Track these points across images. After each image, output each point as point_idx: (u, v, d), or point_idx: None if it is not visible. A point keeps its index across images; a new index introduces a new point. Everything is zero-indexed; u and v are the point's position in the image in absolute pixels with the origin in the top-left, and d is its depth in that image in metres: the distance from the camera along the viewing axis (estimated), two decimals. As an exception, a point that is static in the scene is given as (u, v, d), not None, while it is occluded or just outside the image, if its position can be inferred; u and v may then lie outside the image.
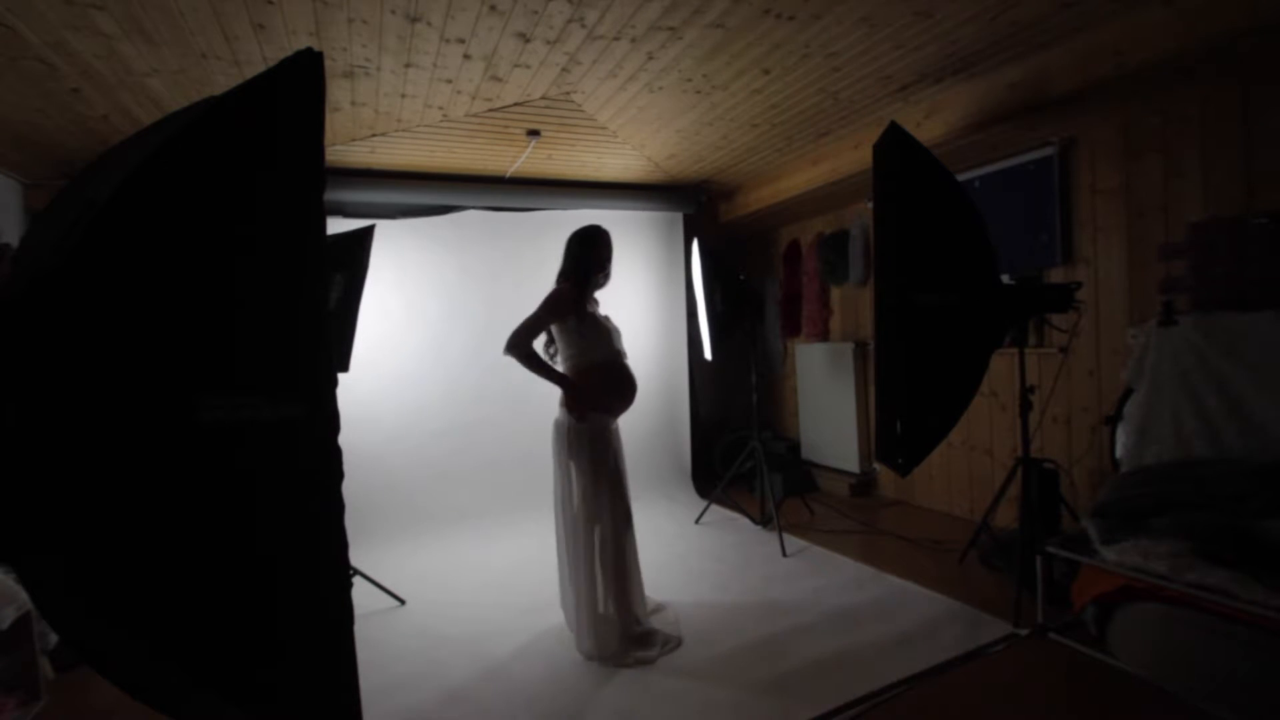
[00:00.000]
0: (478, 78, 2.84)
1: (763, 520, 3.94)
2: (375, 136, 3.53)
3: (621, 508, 2.44)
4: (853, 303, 4.69)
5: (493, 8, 2.23)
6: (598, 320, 2.50)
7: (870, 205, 4.23)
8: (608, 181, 4.73)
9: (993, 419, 3.71)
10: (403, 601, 3.00)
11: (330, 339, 2.19)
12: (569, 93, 3.12)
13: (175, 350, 1.09)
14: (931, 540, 3.48)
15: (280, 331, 1.19)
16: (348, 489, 1.25)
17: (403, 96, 3.00)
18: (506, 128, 3.52)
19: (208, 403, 1.09)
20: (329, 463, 1.23)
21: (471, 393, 4.33)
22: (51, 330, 1.01)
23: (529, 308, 2.46)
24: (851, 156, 3.74)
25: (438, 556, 3.63)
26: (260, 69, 1.85)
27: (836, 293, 4.83)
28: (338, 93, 2.88)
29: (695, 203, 5.00)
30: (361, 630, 1.30)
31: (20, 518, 1.02)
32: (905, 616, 2.60)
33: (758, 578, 3.13)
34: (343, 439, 1.24)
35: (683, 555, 3.49)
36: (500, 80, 2.88)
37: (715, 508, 4.28)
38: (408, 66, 2.67)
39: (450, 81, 2.86)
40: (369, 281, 3.09)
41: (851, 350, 4.52)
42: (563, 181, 4.63)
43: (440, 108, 3.18)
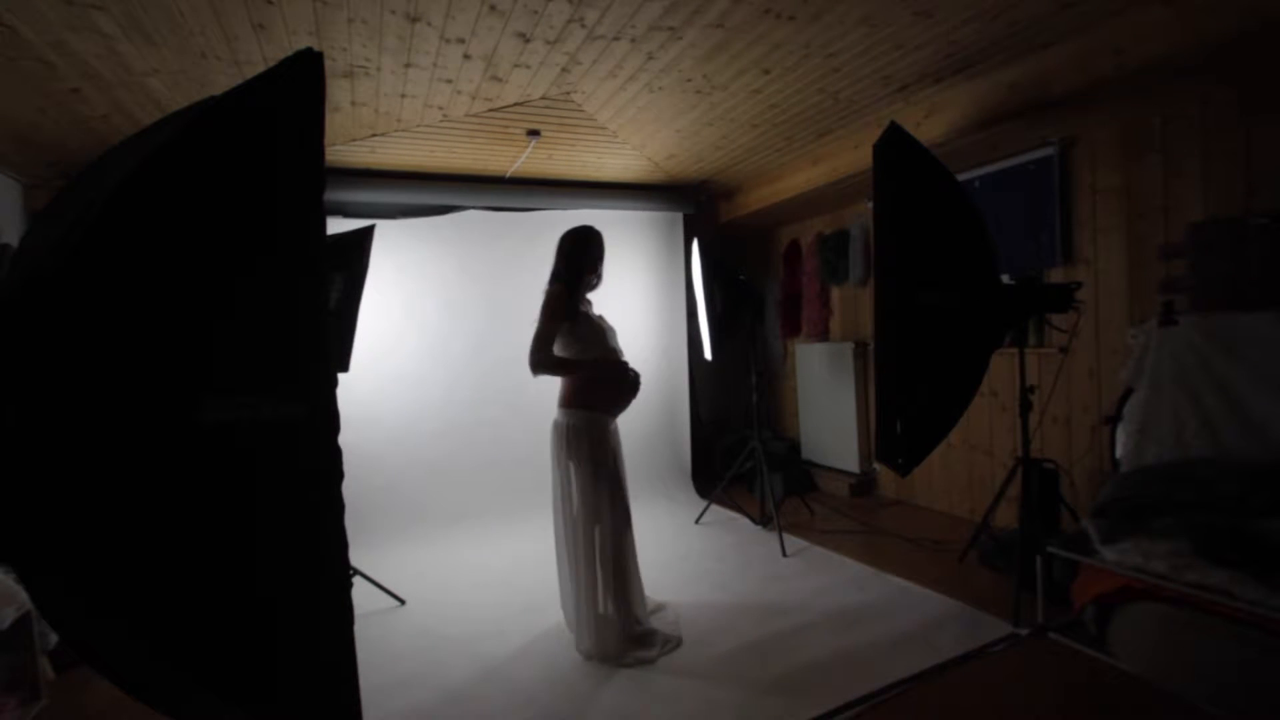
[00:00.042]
0: (478, 78, 2.84)
1: (763, 520, 3.94)
2: (375, 136, 3.53)
3: (621, 508, 2.44)
4: (853, 303, 4.69)
5: (493, 8, 2.23)
6: (592, 320, 2.50)
7: (870, 205, 4.23)
8: (608, 181, 4.73)
9: (993, 419, 3.71)
10: (403, 601, 3.00)
11: (330, 339, 2.20)
12: (569, 93, 3.12)
13: (175, 350, 1.09)
14: (931, 540, 3.49)
15: (280, 332, 1.19)
16: (348, 489, 1.26)
17: (403, 96, 3.00)
18: (506, 128, 3.52)
19: (208, 403, 1.09)
20: (329, 463, 1.23)
21: (471, 393, 4.33)
22: (51, 331, 1.01)
23: (529, 308, 2.46)
24: (851, 156, 3.74)
25: (438, 556, 3.63)
26: (260, 69, 1.84)
27: (836, 293, 4.83)
28: (338, 93, 2.88)
29: (695, 203, 5.00)
30: (361, 630, 1.30)
31: (20, 518, 1.02)
32: (905, 616, 2.60)
33: (758, 578, 3.13)
34: (343, 439, 1.24)
35: (683, 555, 3.49)
36: (500, 80, 2.88)
37: (715, 508, 4.28)
38: (408, 66, 2.67)
39: (450, 81, 2.86)
40: (369, 281, 3.09)
41: (851, 350, 4.52)
42: (563, 181, 4.63)
43: (440, 108, 3.18)
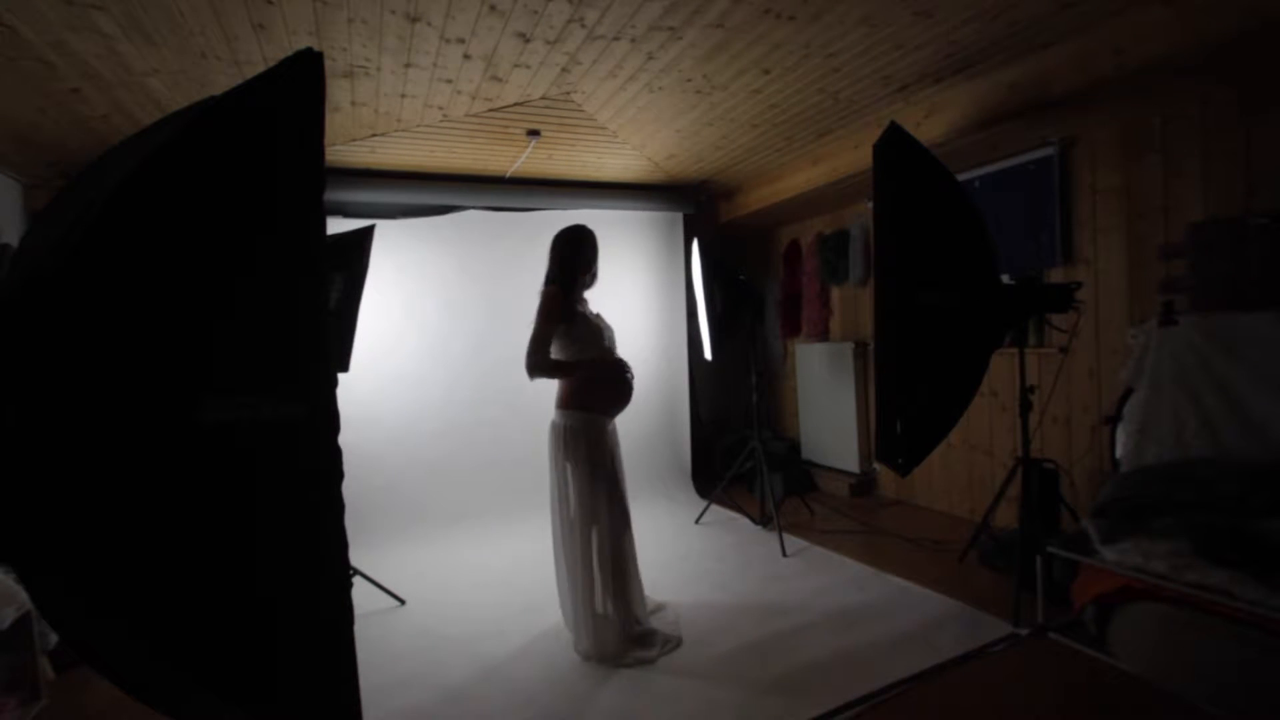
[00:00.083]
0: (478, 78, 2.84)
1: (763, 520, 3.94)
2: (375, 136, 3.53)
3: (619, 508, 2.44)
4: (853, 303, 4.69)
5: (493, 8, 2.23)
6: (589, 320, 2.50)
7: (870, 205, 4.23)
8: (608, 181, 4.73)
9: (993, 419, 3.71)
10: (403, 601, 3.00)
11: (330, 339, 2.20)
12: (569, 93, 3.12)
13: (175, 350, 1.09)
14: (931, 540, 3.49)
15: (280, 332, 1.19)
16: (348, 489, 1.26)
17: (403, 96, 3.00)
18: (506, 128, 3.52)
19: (208, 403, 1.09)
20: (329, 463, 1.23)
21: (471, 393, 4.33)
22: (51, 331, 1.01)
23: (529, 308, 2.46)
24: (851, 156, 3.74)
25: (438, 556, 3.63)
26: (260, 69, 1.84)
27: (836, 293, 4.82)
28: (338, 93, 2.88)
29: (695, 203, 5.00)
30: (361, 630, 1.30)
31: (20, 518, 1.02)
32: (905, 616, 2.60)
33: (758, 578, 3.13)
34: (343, 439, 1.24)
35: (683, 555, 3.49)
36: (500, 80, 2.88)
37: (715, 508, 4.28)
38: (408, 66, 2.67)
39: (450, 81, 2.86)
40: (369, 281, 3.09)
41: (851, 350, 4.51)
42: (563, 181, 4.63)
43: (440, 108, 3.18)
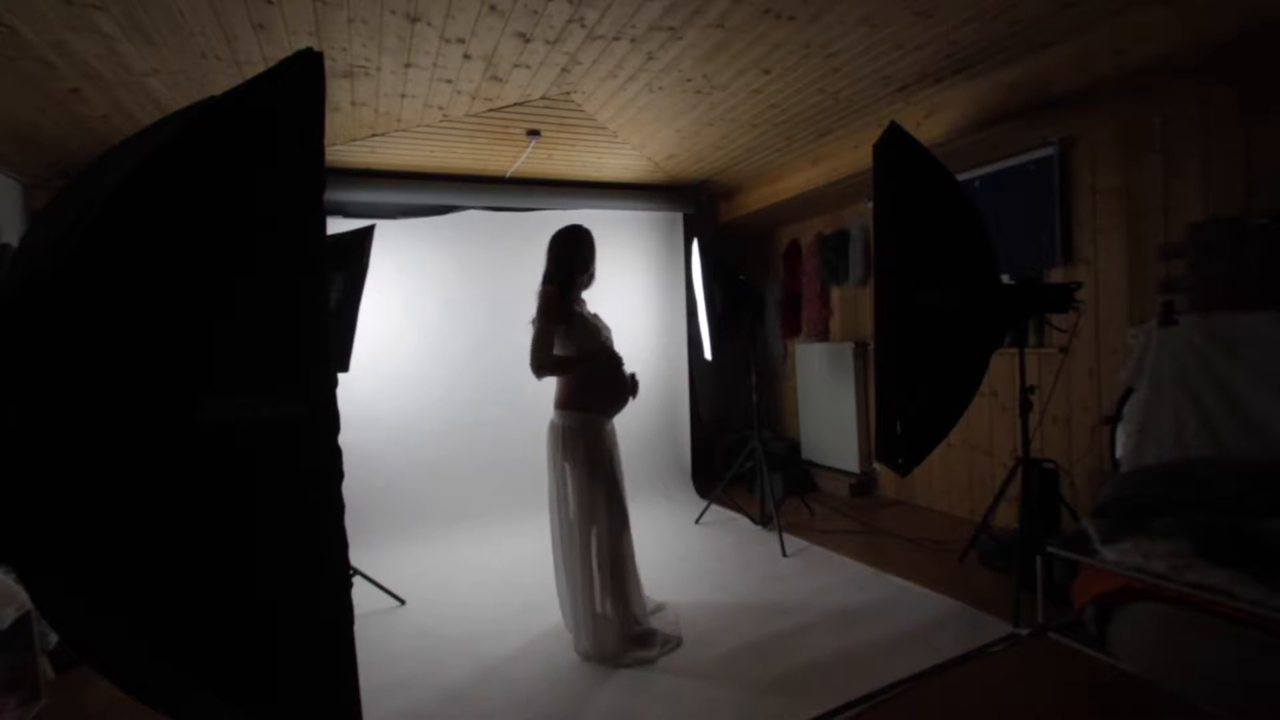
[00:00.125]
0: (478, 78, 2.84)
1: (763, 520, 3.94)
2: (375, 136, 3.53)
3: (617, 509, 2.44)
4: (853, 303, 4.69)
5: (493, 8, 2.23)
6: (587, 320, 2.49)
7: (870, 205, 4.23)
8: (608, 181, 4.72)
9: (993, 419, 3.71)
10: (403, 601, 3.00)
11: (330, 339, 2.20)
12: (569, 93, 3.12)
13: (175, 350, 1.09)
14: (931, 540, 3.48)
15: (280, 332, 1.19)
16: (348, 489, 1.26)
17: (403, 96, 3.00)
18: (506, 128, 3.52)
19: (208, 403, 1.09)
20: (329, 463, 1.23)
21: (471, 393, 4.33)
22: (51, 331, 1.01)
23: (529, 308, 2.46)
24: (851, 156, 3.74)
25: (438, 556, 3.63)
26: (260, 69, 1.84)
27: (836, 293, 4.82)
28: (338, 93, 2.88)
29: (695, 203, 5.00)
30: (361, 630, 1.30)
31: (20, 518, 1.02)
32: (905, 616, 2.60)
33: (758, 578, 3.13)
34: (343, 439, 1.24)
35: (683, 555, 3.49)
36: (500, 80, 2.88)
37: (715, 508, 4.28)
38: (408, 66, 2.67)
39: (450, 81, 2.86)
40: (369, 281, 3.09)
41: (851, 350, 4.51)
42: (563, 181, 4.63)
43: (440, 108, 3.18)
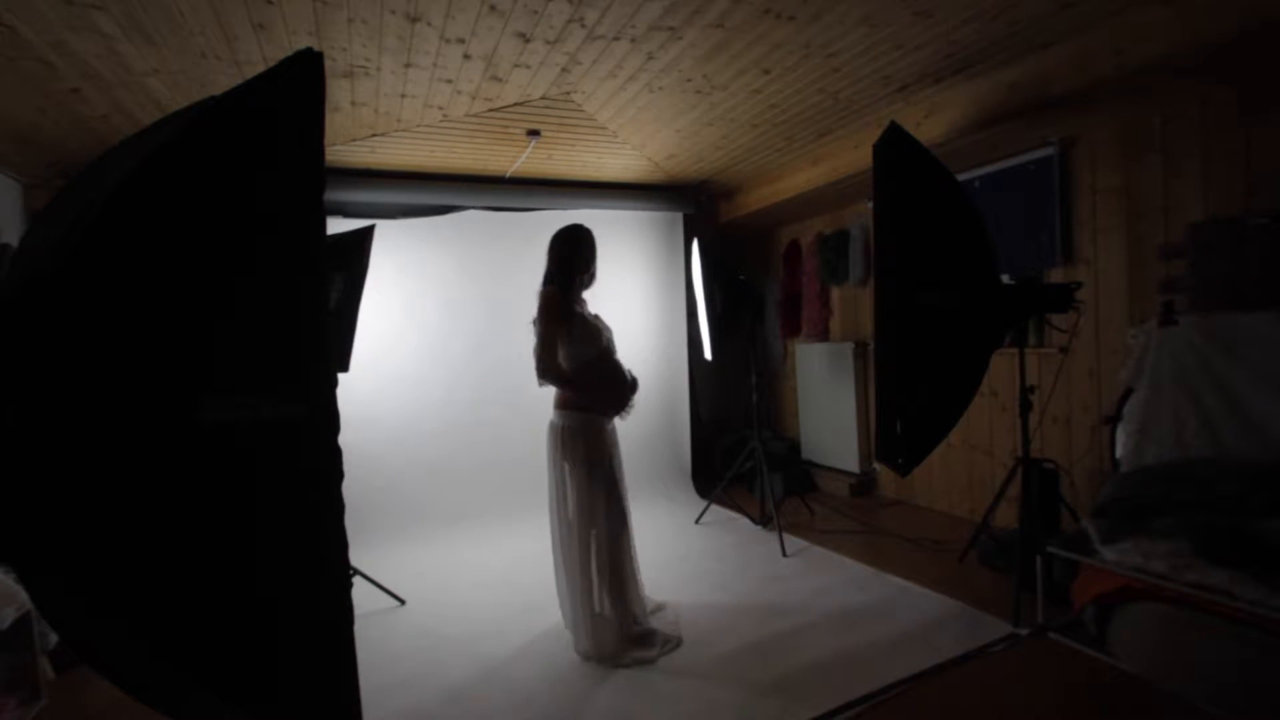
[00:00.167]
0: (478, 78, 2.84)
1: (763, 520, 3.94)
2: (375, 136, 3.53)
3: (617, 509, 2.44)
4: (853, 303, 4.69)
5: (493, 8, 2.23)
6: (588, 320, 2.49)
7: (870, 205, 4.23)
8: (608, 181, 4.72)
9: (993, 419, 3.71)
10: (403, 601, 3.00)
11: (330, 339, 2.20)
12: (569, 93, 3.12)
13: (175, 350, 1.09)
14: (931, 540, 3.48)
15: (280, 332, 1.19)
16: (348, 489, 1.26)
17: (403, 96, 3.00)
18: (506, 128, 3.52)
19: (208, 403, 1.09)
20: (329, 463, 1.23)
21: (471, 393, 4.33)
22: (51, 331, 1.01)
23: (529, 308, 2.46)
24: (851, 156, 3.74)
25: (438, 556, 3.63)
26: (260, 69, 1.84)
27: (836, 293, 4.82)
28: (338, 93, 2.88)
29: (695, 203, 5.00)
30: (361, 630, 1.30)
31: (20, 518, 1.02)
32: (905, 616, 2.60)
33: (758, 578, 3.13)
34: (343, 439, 1.24)
35: (683, 555, 3.49)
36: (500, 80, 2.88)
37: (715, 508, 4.28)
38: (408, 66, 2.67)
39: (450, 81, 2.86)
40: (369, 281, 3.09)
41: (851, 350, 4.51)
42: (563, 181, 4.63)
43: (440, 108, 3.18)
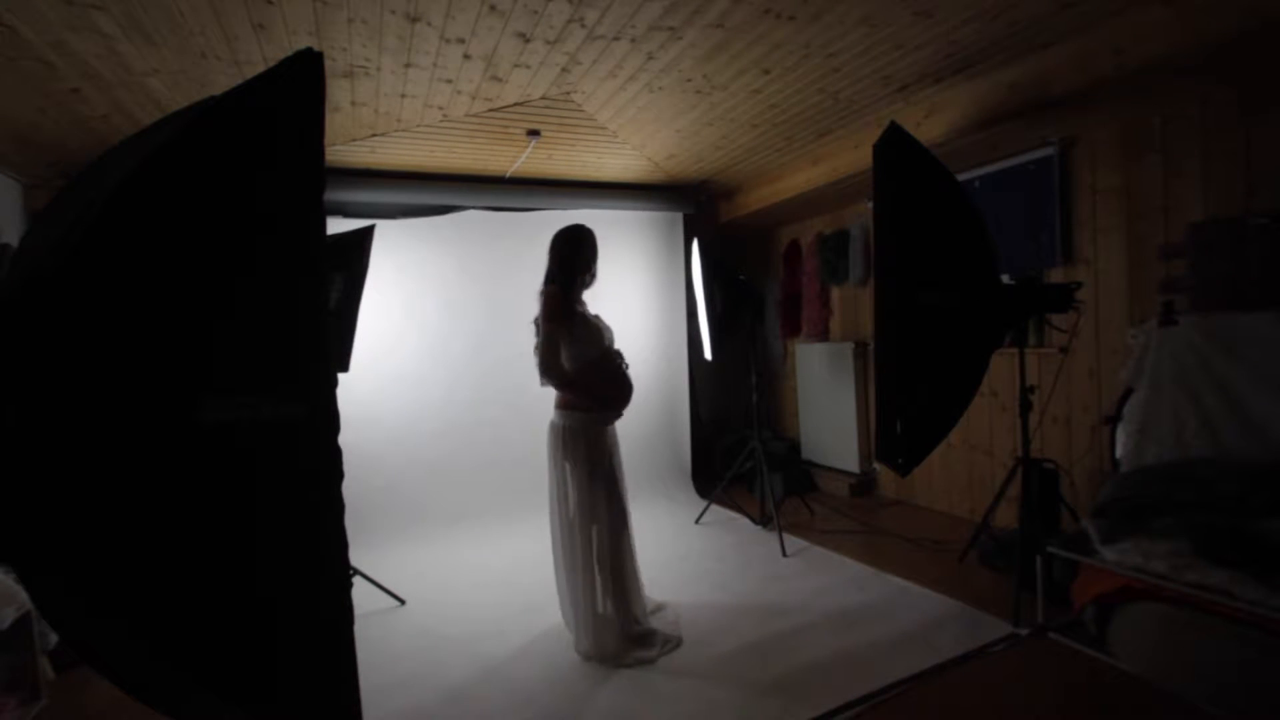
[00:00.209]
0: (478, 78, 2.84)
1: (763, 520, 3.94)
2: (375, 136, 3.53)
3: (617, 508, 2.44)
4: (853, 303, 4.69)
5: (493, 8, 2.23)
6: (589, 320, 2.49)
7: (870, 205, 4.23)
8: (608, 181, 4.72)
9: (993, 419, 3.71)
10: (403, 601, 3.00)
11: (330, 339, 2.20)
12: (569, 93, 3.12)
13: (175, 350, 1.09)
14: (931, 540, 3.48)
15: (280, 332, 1.19)
16: (348, 489, 1.26)
17: (403, 96, 3.00)
18: (506, 128, 3.52)
19: (208, 403, 1.09)
20: (329, 463, 1.23)
21: (471, 393, 4.33)
22: (51, 331, 1.01)
23: (529, 308, 2.46)
24: (851, 156, 3.74)
25: (438, 556, 3.63)
26: (260, 69, 1.84)
27: (836, 293, 4.82)
28: (338, 93, 2.88)
29: (695, 203, 5.00)
30: (361, 630, 1.30)
31: (20, 518, 1.02)
32: (905, 616, 2.60)
33: (758, 578, 3.13)
34: (343, 439, 1.24)
35: (683, 555, 3.49)
36: (500, 80, 2.88)
37: (715, 508, 4.28)
38: (408, 66, 2.67)
39: (450, 81, 2.86)
40: (369, 281, 3.09)
41: (851, 350, 4.51)
42: (563, 181, 4.63)
43: (440, 108, 3.18)
